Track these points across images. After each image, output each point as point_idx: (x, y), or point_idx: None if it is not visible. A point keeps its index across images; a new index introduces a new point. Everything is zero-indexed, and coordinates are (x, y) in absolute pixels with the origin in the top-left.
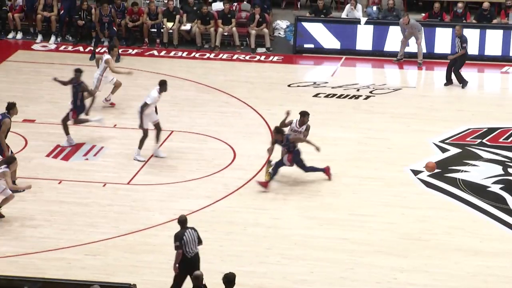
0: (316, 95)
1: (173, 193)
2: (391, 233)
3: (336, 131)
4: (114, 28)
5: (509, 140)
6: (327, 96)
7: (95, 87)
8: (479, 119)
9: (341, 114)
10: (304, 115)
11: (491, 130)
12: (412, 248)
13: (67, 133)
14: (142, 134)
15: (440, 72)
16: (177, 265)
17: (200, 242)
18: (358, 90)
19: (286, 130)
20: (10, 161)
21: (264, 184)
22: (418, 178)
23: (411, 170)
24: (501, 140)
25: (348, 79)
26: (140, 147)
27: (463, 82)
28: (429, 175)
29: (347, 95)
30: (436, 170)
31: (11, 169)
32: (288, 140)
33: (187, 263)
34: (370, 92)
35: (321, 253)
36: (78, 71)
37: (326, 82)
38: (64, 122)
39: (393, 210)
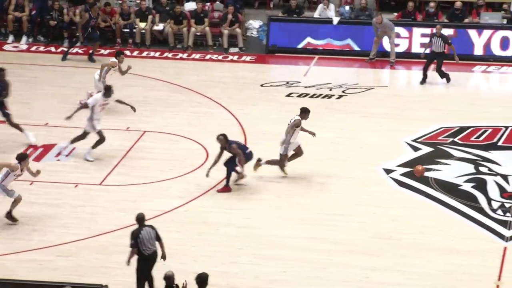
0: (288, 95)
1: (145, 193)
2: (363, 232)
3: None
4: (96, 31)
5: (480, 139)
6: (299, 95)
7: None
8: (451, 118)
9: (314, 114)
10: (304, 111)
11: (463, 129)
12: (384, 247)
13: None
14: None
15: (413, 72)
16: (129, 260)
17: (158, 239)
18: (330, 89)
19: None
20: (23, 157)
21: (226, 189)
22: (391, 177)
23: (383, 169)
24: (472, 138)
25: (320, 79)
26: (73, 141)
27: (446, 77)
28: (401, 174)
29: (320, 95)
30: (408, 169)
31: (22, 166)
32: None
33: (144, 260)
34: (343, 91)
35: (294, 253)
36: (1, 70)
37: (299, 82)
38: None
39: (366, 210)
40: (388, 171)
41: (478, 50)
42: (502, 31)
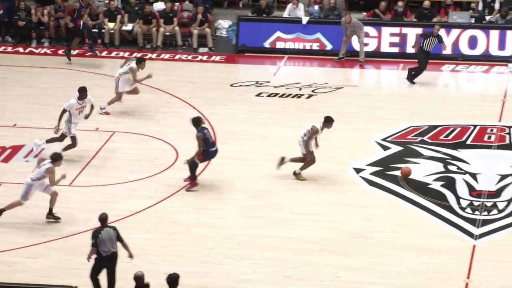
0: (258, 95)
1: (115, 194)
2: (334, 231)
3: (279, 131)
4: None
5: (449, 138)
6: (269, 95)
7: (116, 87)
8: (420, 117)
9: (284, 114)
10: (328, 121)
11: (432, 127)
12: (355, 246)
13: None
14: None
15: (382, 71)
16: (89, 257)
17: (120, 241)
18: (300, 89)
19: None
20: (56, 158)
21: (193, 184)
22: (361, 177)
23: (353, 168)
24: (441, 137)
25: (290, 78)
26: (48, 141)
27: (412, 79)
28: (371, 173)
29: (290, 94)
30: (378, 168)
31: (56, 166)
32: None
33: (101, 261)
34: (312, 91)
35: (264, 253)
36: None
37: (269, 82)
38: None
39: (337, 209)
40: (358, 170)
41: (447, 50)
42: (470, 30)
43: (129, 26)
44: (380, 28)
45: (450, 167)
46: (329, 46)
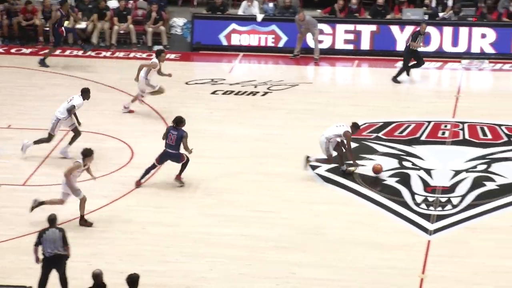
0: (214, 92)
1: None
2: (290, 228)
3: (235, 128)
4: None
5: (404, 134)
6: (225, 93)
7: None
8: (374, 113)
9: (239, 111)
10: (356, 127)
11: (386, 124)
12: (311, 243)
13: None
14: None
15: (337, 68)
16: (37, 259)
17: (65, 244)
18: (255, 86)
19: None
20: (87, 153)
21: (138, 184)
22: (316, 173)
23: (309, 165)
24: (396, 133)
25: (245, 76)
26: (36, 142)
27: (397, 78)
28: (327, 170)
29: (245, 92)
30: (333, 165)
31: (85, 162)
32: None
33: (45, 262)
34: (268, 88)
35: (221, 250)
36: None
37: (224, 79)
38: None
39: (292, 206)
40: (313, 167)
41: (401, 46)
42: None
43: (83, 24)
44: (335, 25)
45: (405, 163)
46: (284, 38)
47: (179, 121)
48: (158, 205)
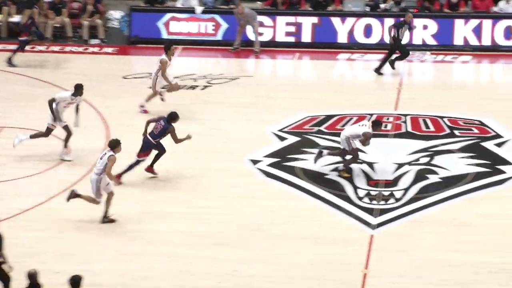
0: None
1: (3, 191)
2: (231, 224)
3: (175, 123)
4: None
5: (344, 127)
6: (163, 87)
7: (152, 86)
8: (317, 106)
9: (179, 106)
10: (377, 125)
11: (328, 117)
12: (252, 239)
13: None
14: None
15: (278, 61)
16: None
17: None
18: (195, 80)
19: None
20: (115, 144)
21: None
22: (258, 168)
23: (250, 160)
24: (338, 127)
25: (184, 70)
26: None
27: (379, 70)
28: (268, 164)
29: (184, 86)
30: (275, 159)
31: (116, 152)
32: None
33: None
34: (208, 82)
35: (160, 248)
36: None
37: None
38: None
39: (233, 202)
40: (255, 162)
41: (342, 38)
42: (366, 18)
43: (16, 18)
44: (275, 17)
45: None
46: (224, 26)
47: (172, 118)
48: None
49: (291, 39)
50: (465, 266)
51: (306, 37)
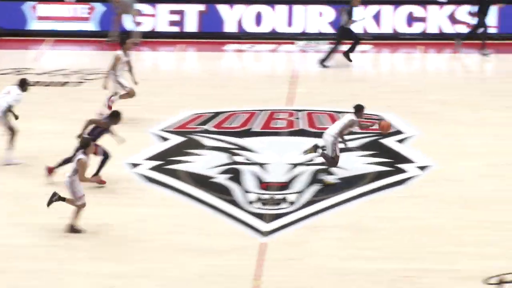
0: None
1: None
2: (106, 236)
3: (44, 124)
4: None
5: (234, 125)
6: (32, 85)
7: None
8: (203, 103)
9: (48, 104)
10: (359, 109)
11: (216, 114)
12: (131, 251)
13: None
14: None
15: (160, 53)
16: None
17: None
18: (67, 76)
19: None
20: (87, 143)
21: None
22: (137, 173)
23: (129, 164)
24: (226, 125)
25: (55, 64)
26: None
27: (324, 63)
28: (149, 168)
29: (54, 82)
30: (157, 162)
31: (87, 153)
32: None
33: None
34: (81, 78)
35: (27, 264)
36: None
37: (30, 69)
38: None
39: (109, 210)
40: (134, 166)
41: (231, 27)
42: (255, 5)
43: None
44: (155, 5)
45: (236, 158)
46: (100, 9)
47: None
48: None
49: (175, 28)
50: (365, 274)
51: (192, 26)
